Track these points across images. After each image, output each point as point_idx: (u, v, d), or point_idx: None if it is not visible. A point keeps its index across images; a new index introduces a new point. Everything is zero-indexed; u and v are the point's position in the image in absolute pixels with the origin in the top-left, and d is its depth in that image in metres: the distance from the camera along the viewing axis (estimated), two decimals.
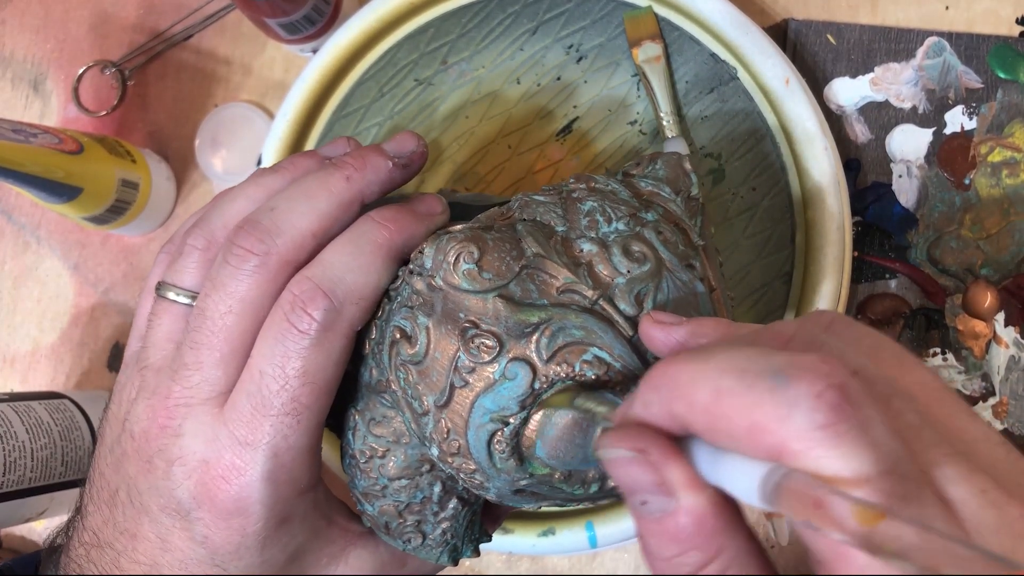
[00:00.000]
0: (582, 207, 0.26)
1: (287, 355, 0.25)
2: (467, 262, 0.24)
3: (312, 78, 0.43)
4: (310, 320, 0.25)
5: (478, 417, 0.24)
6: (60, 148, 0.40)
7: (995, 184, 0.43)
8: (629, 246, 0.25)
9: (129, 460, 0.26)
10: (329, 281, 0.25)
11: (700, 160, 0.41)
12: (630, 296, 0.24)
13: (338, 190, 0.27)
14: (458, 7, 0.42)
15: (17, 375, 0.49)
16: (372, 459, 0.27)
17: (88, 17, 0.50)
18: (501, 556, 0.44)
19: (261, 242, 0.25)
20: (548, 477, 0.25)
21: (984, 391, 0.42)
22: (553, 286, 0.24)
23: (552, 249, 0.25)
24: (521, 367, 0.24)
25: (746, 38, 0.41)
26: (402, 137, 0.29)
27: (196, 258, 0.27)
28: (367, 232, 0.26)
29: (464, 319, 0.24)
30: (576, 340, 0.24)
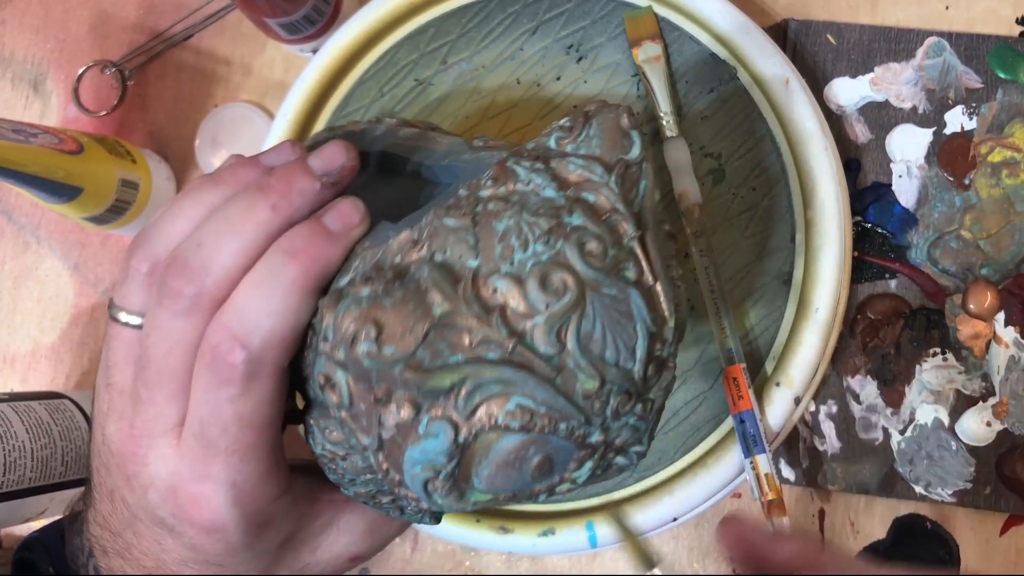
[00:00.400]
0: (497, 226, 0.24)
1: (219, 404, 0.25)
2: (366, 342, 0.23)
3: (312, 78, 0.43)
4: (231, 371, 0.24)
5: (409, 465, 0.24)
6: (60, 148, 0.40)
7: (995, 184, 0.43)
8: (547, 277, 0.23)
9: (113, 472, 0.27)
10: (244, 329, 0.24)
11: (700, 160, 0.41)
12: (550, 335, 0.23)
13: (264, 220, 0.26)
14: (458, 7, 0.42)
15: (17, 375, 0.49)
16: (335, 460, 0.27)
17: (88, 17, 0.50)
18: (501, 556, 0.45)
19: (191, 283, 0.25)
20: (492, 500, 0.25)
21: (984, 391, 0.42)
22: (464, 339, 0.23)
23: (461, 300, 0.23)
24: (442, 426, 0.23)
25: (746, 38, 0.41)
26: (330, 151, 0.27)
27: (140, 281, 0.27)
28: (277, 270, 0.25)
29: (377, 386, 0.23)
30: (496, 393, 0.23)
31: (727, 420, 0.39)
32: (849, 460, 0.42)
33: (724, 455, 0.39)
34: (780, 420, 0.38)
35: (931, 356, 0.42)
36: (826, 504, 0.43)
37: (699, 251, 0.39)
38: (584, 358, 0.23)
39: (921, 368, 0.42)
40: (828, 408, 0.43)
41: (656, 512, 0.39)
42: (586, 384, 0.23)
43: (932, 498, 0.42)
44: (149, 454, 0.26)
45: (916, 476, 0.42)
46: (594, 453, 0.25)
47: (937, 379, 0.42)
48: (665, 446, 0.39)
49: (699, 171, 0.41)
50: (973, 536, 0.42)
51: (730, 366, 0.38)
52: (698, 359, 0.40)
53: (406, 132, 0.32)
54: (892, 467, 0.42)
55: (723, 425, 0.39)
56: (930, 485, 0.42)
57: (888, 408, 0.42)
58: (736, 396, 0.38)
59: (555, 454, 0.24)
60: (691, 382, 0.40)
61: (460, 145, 0.31)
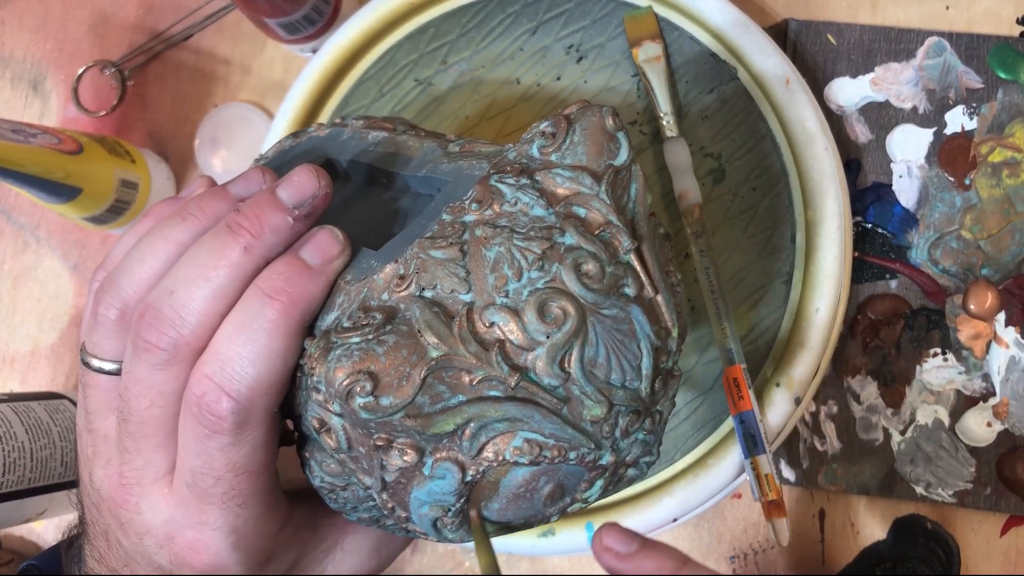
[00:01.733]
0: (487, 255, 0.23)
1: (210, 453, 0.24)
2: (361, 395, 0.22)
3: (312, 78, 0.42)
4: (220, 421, 0.23)
5: (416, 505, 0.24)
6: (60, 148, 0.40)
7: (996, 184, 0.43)
8: (545, 306, 0.22)
9: (104, 514, 0.26)
10: (229, 378, 0.23)
11: (700, 160, 0.41)
12: (552, 366, 0.22)
13: (237, 262, 0.24)
14: (458, 7, 0.42)
15: (17, 375, 0.49)
16: (335, 491, 0.27)
17: (88, 17, 0.50)
18: (501, 556, 0.44)
19: (166, 335, 0.24)
20: (505, 526, 0.25)
21: (984, 391, 0.42)
22: (465, 379, 0.22)
23: (456, 339, 0.22)
24: (448, 467, 0.23)
25: (746, 38, 0.40)
26: (300, 178, 0.25)
27: (111, 328, 0.26)
28: (257, 314, 0.24)
29: (376, 436, 0.23)
30: (501, 432, 0.22)
31: (727, 420, 0.39)
32: (849, 460, 0.42)
33: (724, 455, 0.39)
34: (780, 420, 0.38)
35: (931, 356, 0.42)
36: (826, 504, 0.43)
37: (699, 251, 0.39)
38: (590, 385, 0.23)
39: (921, 368, 0.42)
40: (828, 408, 0.43)
41: (656, 512, 0.39)
42: (593, 411, 0.23)
43: (932, 498, 0.42)
44: (141, 503, 0.25)
45: (916, 476, 0.42)
46: (605, 472, 0.25)
47: (937, 379, 0.42)
48: (665, 446, 0.39)
49: (699, 171, 0.41)
50: (973, 536, 0.42)
51: (730, 366, 0.38)
52: (698, 359, 0.40)
53: (375, 136, 0.30)
54: (892, 467, 0.42)
55: (723, 425, 0.39)
56: (930, 485, 0.42)
57: (888, 408, 0.42)
58: (736, 396, 0.38)
59: (566, 480, 0.24)
60: (691, 382, 0.40)
61: (435, 151, 0.29)
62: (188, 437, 0.24)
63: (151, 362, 0.24)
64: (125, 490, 0.26)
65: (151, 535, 0.25)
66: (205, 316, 0.24)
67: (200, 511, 0.25)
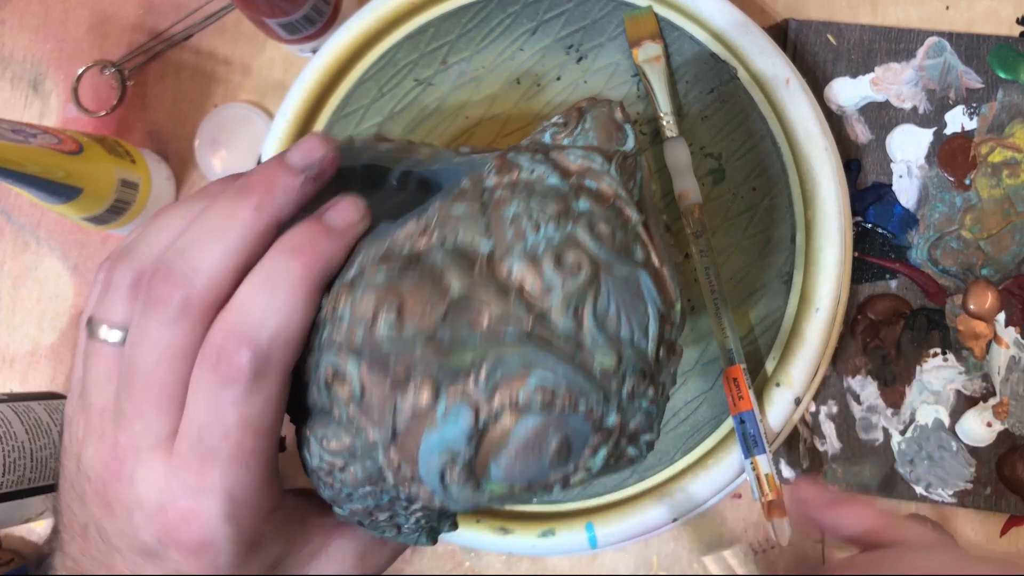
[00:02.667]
0: (506, 213, 0.24)
1: (222, 406, 0.24)
2: (387, 319, 0.23)
3: (312, 78, 0.42)
4: (238, 371, 0.24)
5: (425, 452, 0.23)
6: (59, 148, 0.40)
7: (996, 184, 0.43)
8: (562, 256, 0.23)
9: (91, 501, 0.26)
10: (250, 328, 0.24)
11: (700, 160, 0.41)
12: (567, 313, 0.23)
13: (249, 221, 0.25)
14: (458, 7, 0.42)
15: (17, 375, 0.49)
16: (332, 472, 0.26)
17: (88, 17, 0.50)
18: (501, 556, 0.44)
19: (178, 289, 0.24)
20: (507, 492, 0.25)
21: (984, 391, 0.42)
22: (484, 318, 0.23)
23: (478, 280, 0.23)
24: (462, 408, 0.23)
25: (746, 38, 0.40)
26: (309, 144, 0.27)
27: (124, 294, 0.26)
28: (281, 268, 0.24)
29: (395, 368, 0.23)
30: (516, 372, 0.23)
31: (727, 420, 0.39)
32: (849, 461, 0.42)
33: (724, 455, 0.39)
34: (780, 420, 0.38)
35: (931, 356, 0.42)
36: None
37: (699, 251, 0.39)
38: (601, 335, 0.23)
39: (921, 368, 0.42)
40: (828, 408, 0.43)
41: (656, 512, 0.39)
42: (604, 362, 0.23)
43: (932, 499, 0.42)
44: (136, 472, 0.25)
45: (916, 477, 0.42)
46: (609, 438, 0.25)
47: (937, 379, 0.42)
48: (665, 446, 0.39)
49: (699, 171, 0.41)
50: (973, 536, 0.42)
51: (730, 366, 0.38)
52: (698, 359, 0.40)
53: (386, 146, 0.31)
54: (892, 468, 0.42)
55: (723, 425, 0.39)
56: (930, 486, 0.42)
57: (888, 408, 0.42)
58: (736, 396, 0.38)
59: (573, 437, 0.24)
60: (691, 382, 0.40)
61: (445, 152, 0.30)
62: (200, 391, 0.24)
63: (161, 318, 0.24)
64: (119, 461, 0.25)
65: (141, 508, 0.25)
66: (217, 272, 0.24)
67: (200, 474, 0.24)
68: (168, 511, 0.24)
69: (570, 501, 0.40)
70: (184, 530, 0.24)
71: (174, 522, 0.24)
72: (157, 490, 0.24)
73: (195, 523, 0.24)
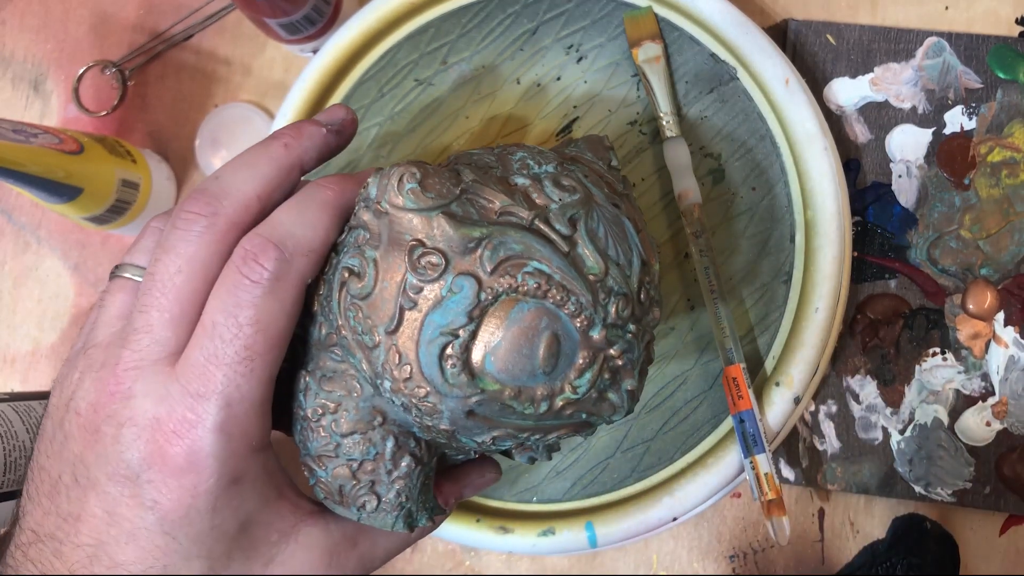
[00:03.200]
0: (513, 157, 0.28)
1: (240, 304, 0.25)
2: (410, 182, 0.25)
3: (312, 78, 0.43)
4: (262, 270, 0.25)
5: (428, 334, 0.25)
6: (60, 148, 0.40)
7: (995, 184, 0.43)
8: (559, 179, 0.27)
9: (73, 438, 0.26)
10: (279, 236, 0.26)
11: (700, 160, 0.41)
12: (564, 218, 0.26)
13: (278, 156, 0.28)
14: (458, 7, 0.42)
15: (17, 375, 0.49)
16: (324, 415, 0.28)
17: (88, 17, 0.50)
18: (501, 556, 0.45)
19: (208, 205, 0.26)
20: (498, 394, 0.26)
21: (984, 391, 0.42)
22: (492, 210, 0.26)
23: (489, 179, 0.27)
24: (467, 280, 0.25)
25: (746, 38, 0.41)
26: (332, 108, 0.31)
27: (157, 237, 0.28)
28: (313, 193, 0.27)
29: (410, 239, 0.25)
30: (517, 254, 0.25)
31: (727, 420, 0.39)
32: (849, 460, 0.42)
33: (724, 455, 0.39)
34: (780, 420, 0.38)
35: (931, 356, 0.42)
36: (826, 504, 0.43)
37: (699, 251, 0.39)
38: (591, 245, 0.26)
39: (921, 368, 0.42)
40: (828, 408, 0.43)
41: (656, 512, 0.39)
42: (593, 268, 0.26)
43: (932, 498, 0.42)
44: (135, 385, 0.25)
45: (916, 476, 0.42)
46: (594, 360, 0.26)
47: (937, 379, 0.42)
48: (665, 446, 0.40)
49: (699, 171, 0.41)
50: (973, 536, 0.42)
51: (730, 366, 0.38)
52: (698, 359, 0.40)
53: None
54: (892, 467, 0.42)
55: (723, 425, 0.39)
56: (930, 485, 0.42)
57: (888, 408, 0.42)
58: (736, 396, 0.38)
59: (563, 338, 0.26)
60: (691, 382, 0.40)
61: None
62: (221, 291, 0.26)
63: (189, 230, 0.26)
64: (119, 379, 0.25)
65: (133, 421, 0.25)
66: (245, 194, 0.27)
67: (204, 378, 0.25)
68: (162, 421, 0.25)
69: (570, 501, 0.40)
70: (174, 443, 0.25)
71: (165, 434, 0.25)
72: (155, 401, 0.25)
73: (186, 434, 0.25)
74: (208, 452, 0.25)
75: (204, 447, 0.25)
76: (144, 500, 0.25)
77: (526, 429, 0.27)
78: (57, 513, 0.26)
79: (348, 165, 0.42)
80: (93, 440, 0.25)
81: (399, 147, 0.42)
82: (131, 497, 0.25)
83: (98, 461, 0.25)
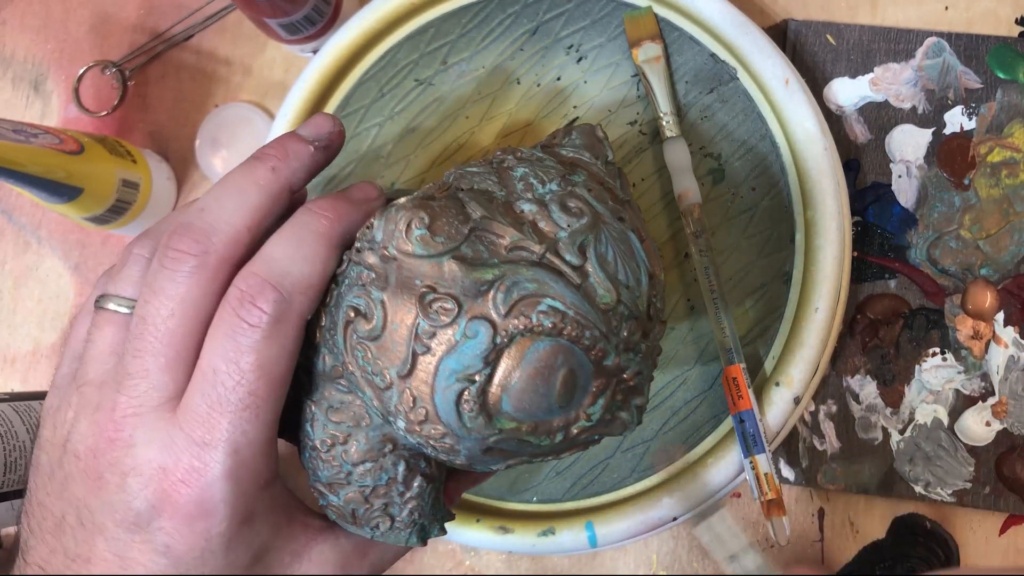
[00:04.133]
0: (515, 174, 0.27)
1: (240, 350, 0.24)
2: (419, 228, 0.25)
3: (312, 78, 0.43)
4: (260, 313, 0.24)
5: (444, 379, 0.25)
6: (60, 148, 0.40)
7: (995, 184, 0.43)
8: (565, 202, 0.26)
9: (75, 481, 0.25)
10: (276, 274, 0.25)
11: (700, 160, 0.41)
12: (574, 247, 0.26)
13: (265, 182, 0.27)
14: (458, 7, 0.43)
15: (18, 375, 0.49)
16: (334, 447, 0.27)
17: (88, 17, 0.50)
18: (501, 556, 0.45)
19: (197, 243, 0.25)
20: (516, 431, 0.25)
21: (983, 391, 0.42)
22: (502, 245, 0.25)
23: (496, 211, 0.26)
24: (481, 324, 0.24)
25: (746, 38, 0.41)
26: (316, 120, 0.29)
27: (141, 266, 0.26)
28: (307, 223, 0.26)
29: (420, 285, 0.25)
30: (530, 292, 0.25)
31: (727, 420, 0.39)
32: (849, 460, 0.42)
33: (724, 455, 0.39)
34: (780, 420, 0.38)
35: (930, 356, 0.42)
36: (826, 504, 0.43)
37: (699, 251, 0.39)
38: (602, 272, 0.26)
39: (920, 368, 0.42)
40: (828, 408, 0.43)
41: (656, 512, 0.39)
42: (604, 298, 0.25)
43: (932, 498, 0.42)
44: (136, 433, 0.25)
45: (915, 476, 0.42)
46: (608, 385, 0.26)
47: (936, 379, 0.42)
48: (665, 446, 0.40)
49: (699, 171, 0.41)
50: (972, 536, 0.42)
51: (730, 366, 0.38)
52: (698, 359, 0.40)
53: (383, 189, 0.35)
54: (892, 467, 0.42)
55: (723, 425, 0.39)
56: (929, 485, 0.42)
57: (888, 408, 0.42)
58: (736, 396, 0.38)
59: (578, 371, 0.25)
60: (691, 382, 0.40)
61: None
62: (219, 335, 0.25)
63: (178, 271, 0.25)
64: (116, 426, 0.25)
65: (138, 471, 0.24)
66: (235, 228, 0.26)
67: (209, 425, 0.24)
68: (169, 471, 0.24)
69: (570, 500, 0.40)
70: (183, 491, 0.24)
71: (173, 483, 0.24)
72: (159, 449, 0.24)
73: (195, 482, 0.24)
74: (219, 499, 0.24)
75: (214, 494, 0.24)
76: (156, 545, 0.24)
77: (540, 455, 0.27)
78: (64, 553, 0.25)
79: (348, 165, 0.42)
80: (97, 487, 0.25)
81: (399, 147, 0.42)
82: (142, 543, 0.25)
83: (104, 508, 0.25)
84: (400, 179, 0.42)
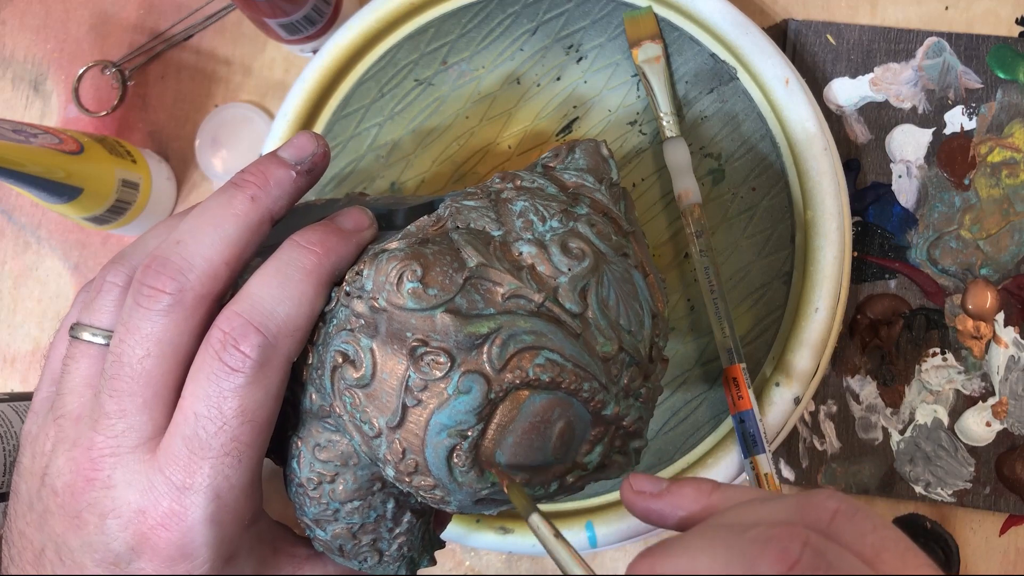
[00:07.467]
0: (513, 208, 0.26)
1: (222, 395, 0.23)
2: (411, 281, 0.24)
3: (312, 78, 0.43)
4: (244, 357, 0.23)
5: (434, 435, 0.24)
6: (60, 148, 0.40)
7: (995, 184, 0.43)
8: (567, 243, 0.25)
9: (54, 517, 0.25)
10: (260, 315, 0.24)
11: (700, 160, 0.41)
12: (574, 293, 0.24)
13: (244, 212, 0.25)
14: (458, 7, 0.43)
15: (17, 375, 0.49)
16: (321, 485, 0.26)
17: (88, 17, 0.50)
18: (501, 556, 0.45)
19: (173, 280, 0.24)
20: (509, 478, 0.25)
21: (984, 391, 0.42)
22: (498, 293, 0.24)
23: (493, 256, 0.24)
24: (475, 380, 0.23)
25: (746, 38, 0.41)
26: (300, 140, 0.27)
27: (116, 296, 0.25)
28: (294, 259, 0.25)
29: (412, 338, 0.24)
30: (527, 345, 0.24)
31: (727, 420, 0.39)
32: (849, 460, 0.42)
33: (724, 455, 0.39)
34: (780, 420, 0.38)
35: (931, 356, 0.42)
36: None
37: (699, 251, 0.39)
38: (604, 319, 0.25)
39: (921, 368, 0.42)
40: (828, 408, 0.43)
41: None
42: (605, 346, 0.24)
43: (932, 498, 0.42)
44: (115, 474, 0.24)
45: (916, 476, 0.42)
46: (606, 433, 0.25)
47: (937, 379, 0.42)
48: (665, 446, 0.40)
49: (699, 171, 0.41)
50: (972, 536, 0.42)
51: (730, 366, 0.38)
52: (698, 359, 0.40)
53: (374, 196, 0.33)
54: (892, 467, 0.42)
55: (723, 425, 0.39)
56: (930, 485, 0.42)
57: (888, 408, 0.42)
58: (736, 396, 0.38)
59: (576, 422, 0.25)
60: (691, 382, 0.40)
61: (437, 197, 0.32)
62: (201, 379, 0.24)
63: (153, 309, 0.24)
64: (94, 465, 0.24)
65: (117, 513, 0.24)
66: (212, 263, 0.24)
67: (189, 469, 0.23)
68: (148, 514, 0.23)
69: (570, 501, 0.40)
70: (163, 535, 0.23)
71: (153, 527, 0.23)
72: (138, 492, 0.24)
73: (175, 527, 0.23)
74: (200, 543, 0.24)
75: (195, 538, 0.24)
76: None
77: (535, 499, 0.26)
78: None
79: (348, 165, 0.42)
80: (75, 525, 0.24)
81: (399, 147, 0.42)
82: None
83: (83, 547, 0.24)
84: (400, 179, 0.42)
